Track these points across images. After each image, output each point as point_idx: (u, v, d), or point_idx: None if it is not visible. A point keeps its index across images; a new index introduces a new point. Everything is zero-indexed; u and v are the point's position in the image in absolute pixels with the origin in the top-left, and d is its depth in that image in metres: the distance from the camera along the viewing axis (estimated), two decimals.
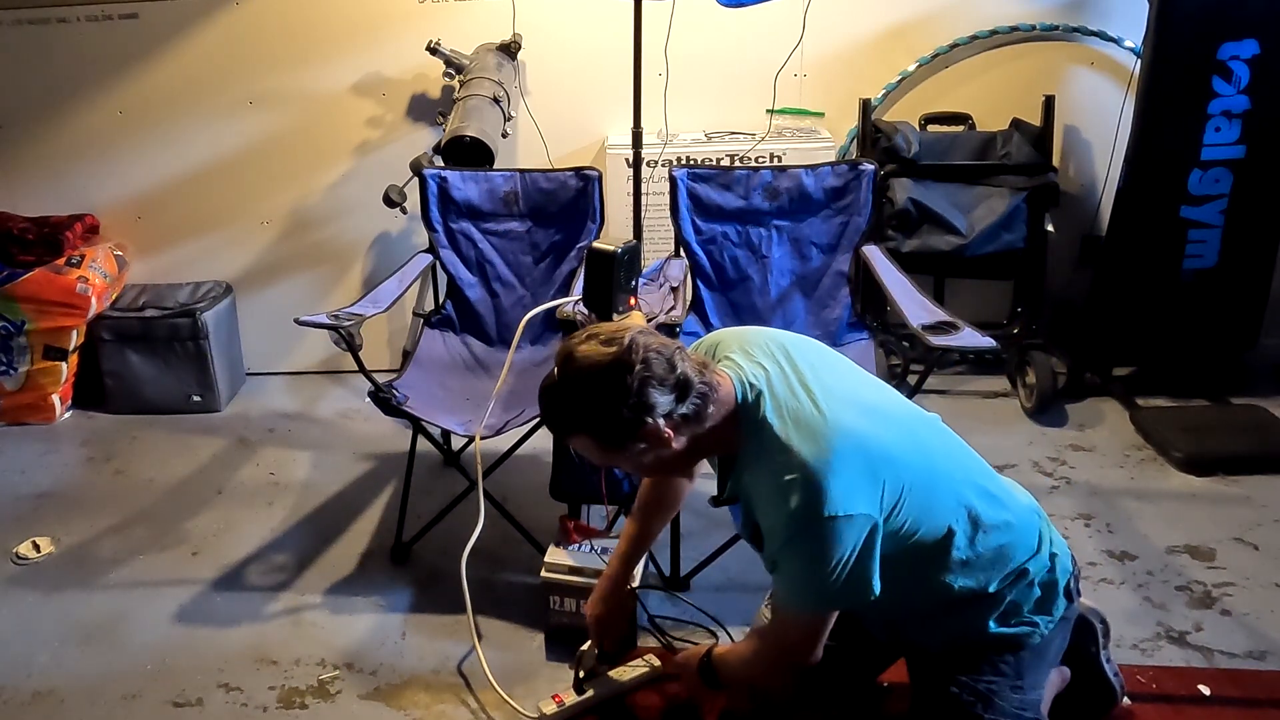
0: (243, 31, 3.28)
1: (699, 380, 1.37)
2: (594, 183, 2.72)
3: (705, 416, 1.39)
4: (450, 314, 2.81)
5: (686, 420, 1.37)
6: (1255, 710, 1.89)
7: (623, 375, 1.32)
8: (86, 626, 2.28)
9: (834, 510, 1.31)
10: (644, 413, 1.33)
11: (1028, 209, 3.07)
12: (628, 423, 1.35)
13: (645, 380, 1.33)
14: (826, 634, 1.46)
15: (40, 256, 3.28)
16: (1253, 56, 2.82)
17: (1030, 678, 1.51)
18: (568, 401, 1.38)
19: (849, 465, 1.34)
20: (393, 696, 2.02)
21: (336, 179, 3.43)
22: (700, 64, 3.20)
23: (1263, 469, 2.70)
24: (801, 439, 1.35)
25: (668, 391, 1.34)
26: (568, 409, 1.39)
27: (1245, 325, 3.08)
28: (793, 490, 1.33)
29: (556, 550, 2.16)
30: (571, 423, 1.41)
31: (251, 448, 3.13)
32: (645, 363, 1.33)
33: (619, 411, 1.34)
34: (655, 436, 1.36)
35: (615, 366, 1.33)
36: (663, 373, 1.34)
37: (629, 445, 1.38)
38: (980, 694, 1.48)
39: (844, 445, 1.35)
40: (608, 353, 1.34)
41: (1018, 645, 1.50)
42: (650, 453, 1.39)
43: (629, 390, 1.32)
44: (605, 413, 1.35)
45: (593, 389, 1.35)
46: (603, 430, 1.38)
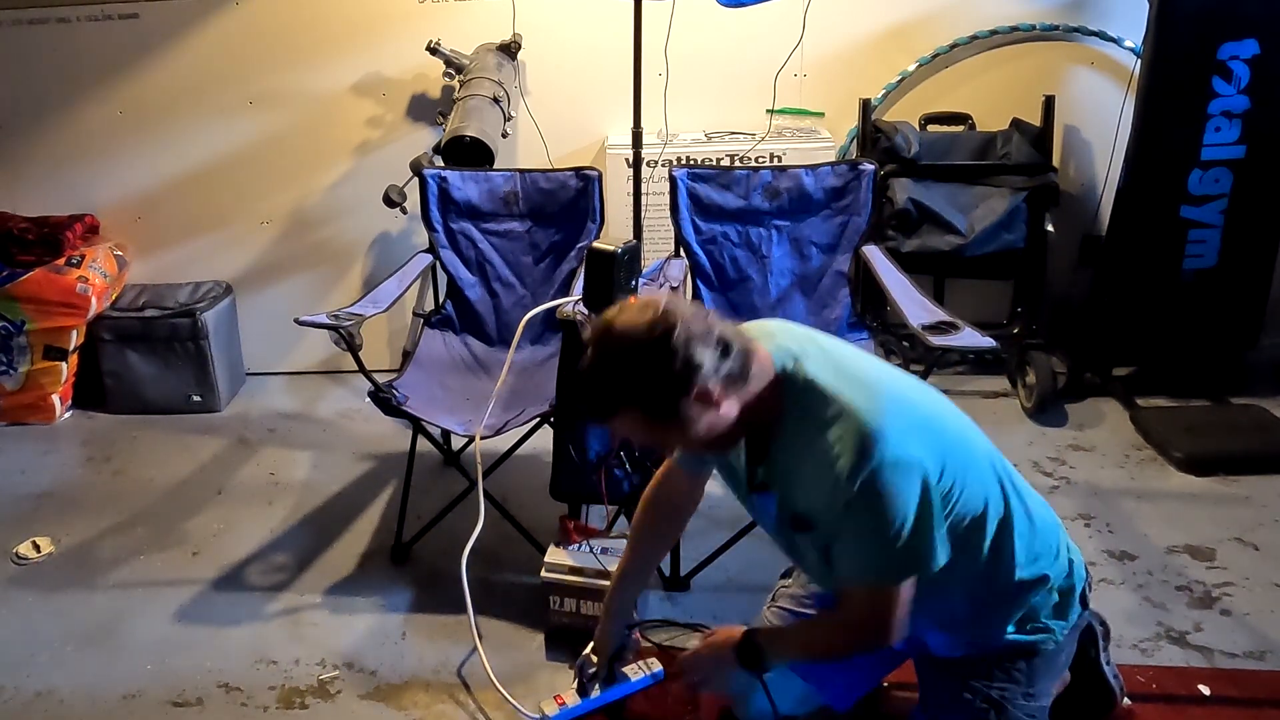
0: (243, 31, 3.28)
1: (737, 338, 1.34)
2: (594, 183, 2.72)
3: (749, 376, 1.34)
4: (450, 314, 2.81)
5: (732, 380, 1.31)
6: (1255, 710, 1.89)
7: (667, 337, 1.27)
8: (86, 626, 2.28)
9: (887, 455, 1.27)
10: (692, 372, 1.27)
11: (1028, 209, 3.07)
12: (677, 385, 1.28)
13: (689, 338, 1.27)
14: (900, 613, 1.36)
15: (40, 256, 3.28)
16: (1253, 56, 2.82)
17: (1041, 685, 1.50)
18: (612, 375, 1.32)
19: (900, 417, 1.32)
20: (393, 696, 2.02)
21: (336, 179, 3.43)
22: (700, 64, 3.20)
23: (1263, 469, 2.70)
24: (852, 390, 1.33)
25: (712, 349, 1.29)
26: (613, 383, 1.32)
27: (1245, 325, 3.08)
28: (844, 441, 1.29)
29: (556, 550, 2.16)
30: (618, 398, 1.33)
31: (251, 448, 3.13)
32: (685, 322, 1.29)
33: (668, 373, 1.27)
34: (705, 398, 1.30)
35: (657, 329, 1.28)
36: (702, 330, 1.30)
37: (679, 411, 1.30)
38: (993, 701, 1.47)
39: (892, 402, 1.33)
40: (646, 317, 1.29)
41: (1032, 652, 1.48)
42: (700, 420, 1.32)
43: (675, 350, 1.27)
44: (654, 377, 1.28)
45: (638, 355, 1.29)
46: (652, 398, 1.30)
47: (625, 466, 2.18)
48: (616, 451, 2.18)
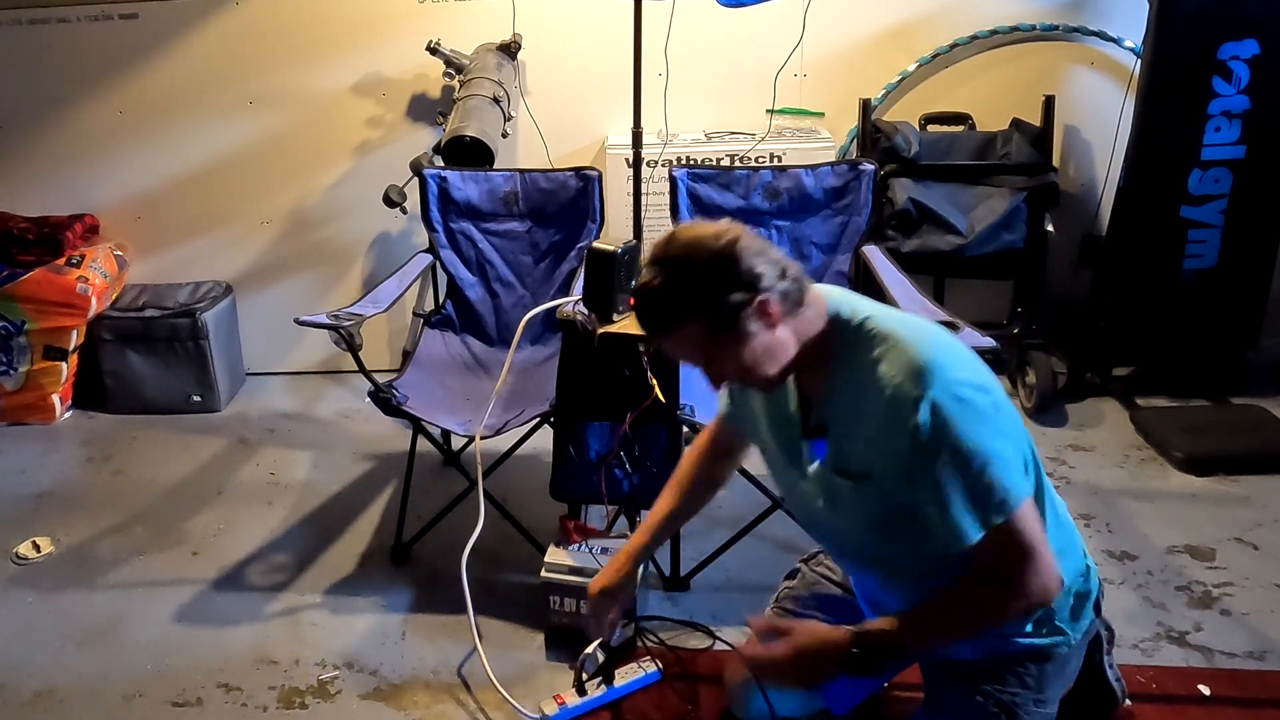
0: (243, 31, 3.28)
1: (792, 266, 1.37)
2: (594, 183, 2.72)
3: (804, 303, 1.36)
4: (450, 314, 2.81)
5: (788, 300, 1.34)
6: (1255, 710, 1.89)
7: (732, 244, 1.31)
8: (86, 626, 2.28)
9: (945, 378, 1.26)
10: (755, 281, 1.30)
11: (1028, 209, 3.07)
12: (740, 294, 1.31)
13: (752, 250, 1.32)
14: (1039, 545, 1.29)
15: (40, 256, 3.29)
16: (1253, 56, 2.82)
17: (1050, 691, 1.49)
18: (677, 283, 1.32)
19: (953, 354, 1.31)
20: (393, 696, 2.02)
21: (336, 179, 3.43)
22: (700, 64, 3.20)
23: (1263, 469, 2.70)
24: (903, 328, 1.33)
25: (772, 266, 1.33)
26: (678, 292, 1.33)
27: (1245, 325, 3.08)
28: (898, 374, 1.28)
29: (556, 550, 2.16)
30: (681, 307, 1.33)
31: (251, 448, 3.13)
32: (748, 237, 1.33)
33: (733, 281, 1.30)
34: (764, 312, 1.32)
35: (723, 238, 1.32)
36: (764, 248, 1.34)
37: (740, 324, 1.31)
38: (1005, 705, 1.45)
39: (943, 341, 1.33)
40: (711, 229, 1.34)
41: (1044, 657, 1.47)
42: (758, 337, 1.33)
43: (739, 258, 1.30)
44: (719, 285, 1.31)
45: (705, 262, 1.31)
46: (715, 308, 1.31)
47: (625, 466, 2.18)
48: (616, 451, 2.18)
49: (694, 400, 2.26)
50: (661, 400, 2.06)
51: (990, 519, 1.28)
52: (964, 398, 1.27)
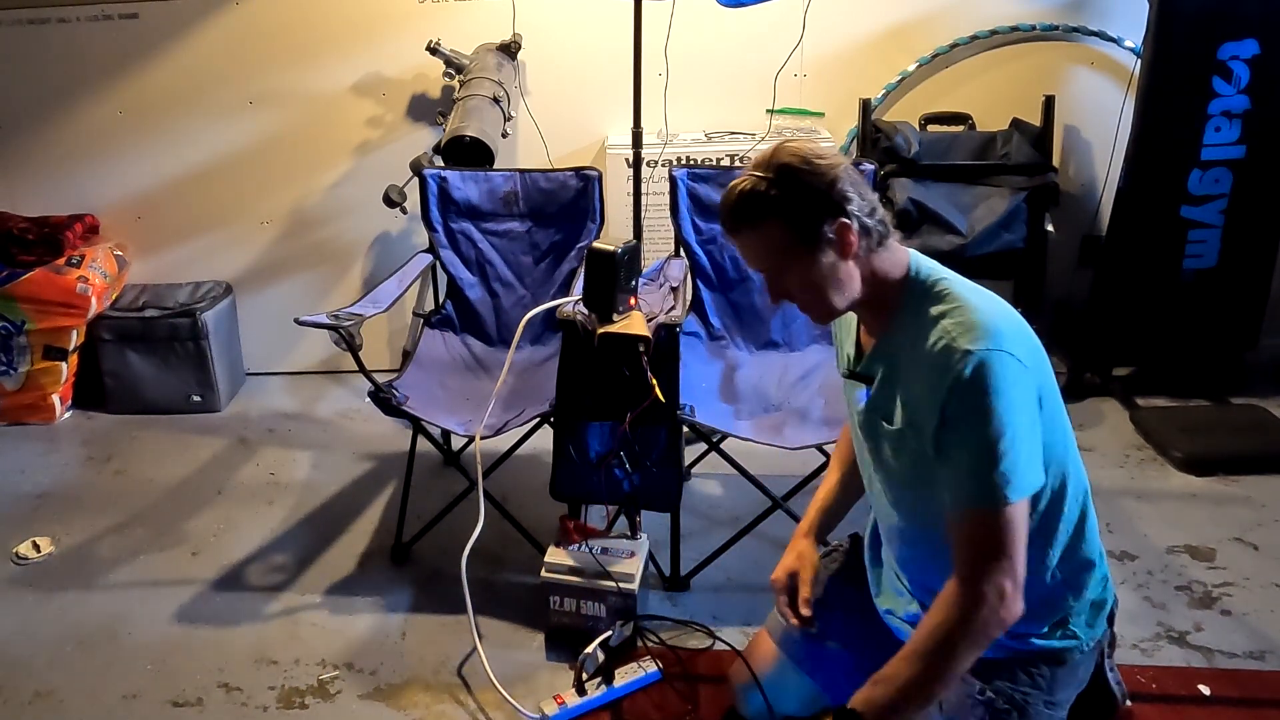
0: (243, 31, 3.28)
1: (885, 213, 1.42)
2: (594, 183, 2.72)
3: (885, 245, 1.40)
4: (450, 314, 2.81)
5: (869, 236, 1.39)
6: (1255, 710, 1.89)
7: (833, 167, 1.37)
8: (86, 626, 2.28)
9: (1001, 345, 1.27)
10: (842, 202, 1.36)
11: (1028, 209, 3.06)
12: (826, 209, 1.36)
13: (849, 179, 1.38)
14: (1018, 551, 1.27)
15: (40, 256, 3.29)
16: (1253, 56, 2.82)
17: (1061, 694, 1.48)
18: (772, 181, 1.38)
19: (1018, 333, 1.32)
20: (393, 696, 2.02)
21: (336, 179, 3.44)
22: (700, 64, 3.20)
23: (1263, 469, 2.70)
24: (975, 297, 1.35)
25: (862, 199, 1.38)
26: (770, 190, 1.38)
27: (1245, 325, 3.08)
28: (956, 331, 1.30)
29: (556, 550, 2.16)
30: (770, 205, 1.38)
31: (251, 448, 3.13)
32: (849, 169, 1.39)
33: (822, 194, 1.36)
34: (843, 237, 1.37)
35: (825, 159, 1.38)
36: (862, 185, 1.40)
37: (818, 239, 1.37)
38: (1016, 703, 1.45)
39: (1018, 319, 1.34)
40: (819, 149, 1.40)
41: (1058, 660, 1.47)
42: (829, 260, 1.38)
43: (835, 179, 1.36)
44: (810, 194, 1.36)
45: (804, 170, 1.37)
46: (800, 215, 1.37)
47: (625, 466, 2.18)
48: (616, 451, 2.18)
49: (694, 400, 2.26)
50: (661, 400, 2.06)
51: (983, 497, 1.27)
52: (1011, 367, 1.27)
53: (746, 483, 2.33)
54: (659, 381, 2.06)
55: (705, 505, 2.65)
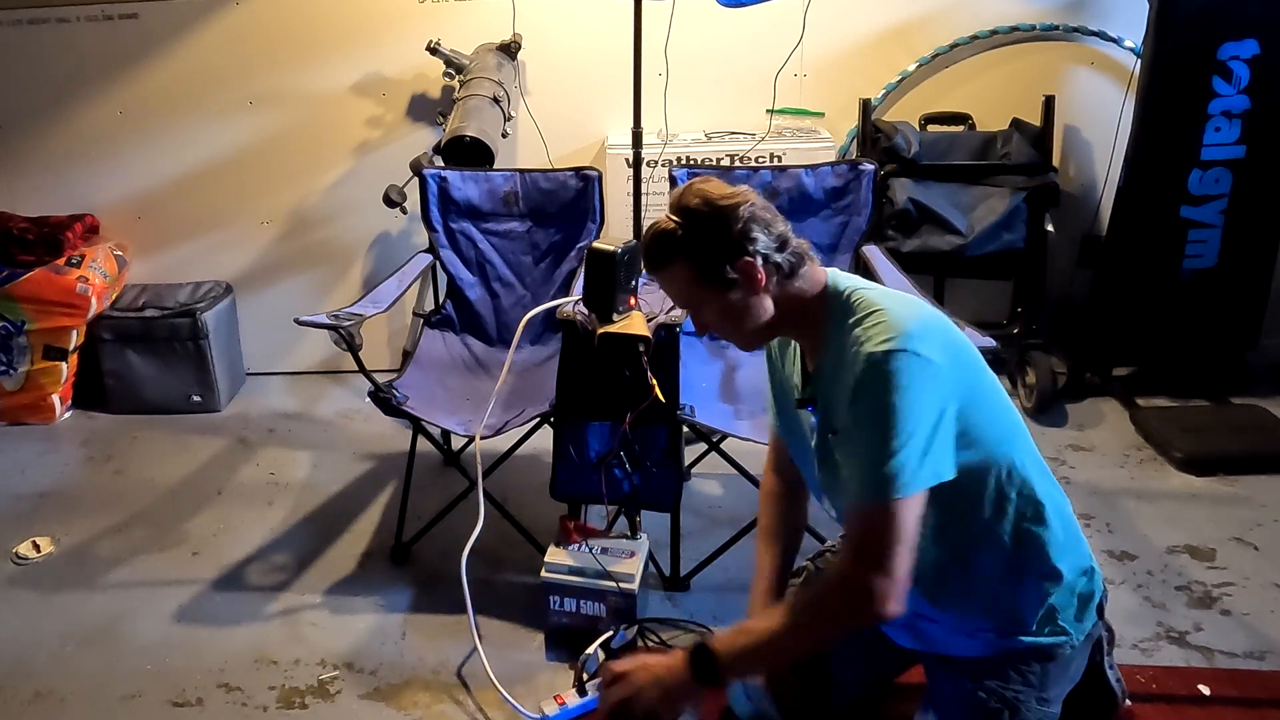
0: (243, 31, 3.28)
1: (798, 244, 1.46)
2: (594, 183, 2.72)
3: (797, 275, 1.45)
4: (450, 314, 2.81)
5: (779, 271, 1.44)
6: (1255, 710, 1.89)
7: (735, 206, 1.43)
8: (86, 626, 2.28)
9: (906, 345, 1.30)
10: (745, 242, 1.42)
11: (1028, 209, 3.07)
12: (729, 251, 1.42)
13: (754, 217, 1.43)
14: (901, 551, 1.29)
15: (40, 256, 3.29)
16: (1253, 56, 2.82)
17: (1054, 691, 1.49)
18: (678, 224, 1.44)
19: (933, 330, 1.35)
20: (393, 696, 2.02)
21: (336, 179, 3.43)
22: (700, 64, 3.20)
23: (1263, 469, 2.70)
24: (892, 301, 1.38)
25: (770, 237, 1.43)
26: (675, 232, 1.44)
27: (1245, 325, 3.08)
28: (868, 332, 1.34)
29: (556, 550, 2.15)
30: (675, 246, 1.45)
31: (251, 448, 3.13)
32: (755, 206, 1.44)
33: (725, 236, 1.42)
34: (749, 274, 1.42)
35: (730, 198, 1.44)
36: (768, 219, 1.45)
37: (723, 277, 1.43)
38: (1008, 701, 1.46)
39: (931, 318, 1.37)
40: (725, 189, 1.46)
41: (1048, 656, 1.47)
42: (740, 294, 1.44)
43: (738, 219, 1.42)
44: (712, 236, 1.42)
45: (706, 213, 1.43)
46: (704, 255, 1.43)
47: (625, 466, 2.18)
48: (616, 451, 2.18)
49: (694, 400, 2.26)
50: (661, 400, 2.06)
51: (869, 492, 1.31)
52: (911, 365, 1.29)
53: (746, 483, 2.32)
54: (659, 381, 2.06)
55: (705, 505, 2.65)
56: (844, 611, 1.34)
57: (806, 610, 1.35)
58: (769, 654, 1.40)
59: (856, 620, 1.35)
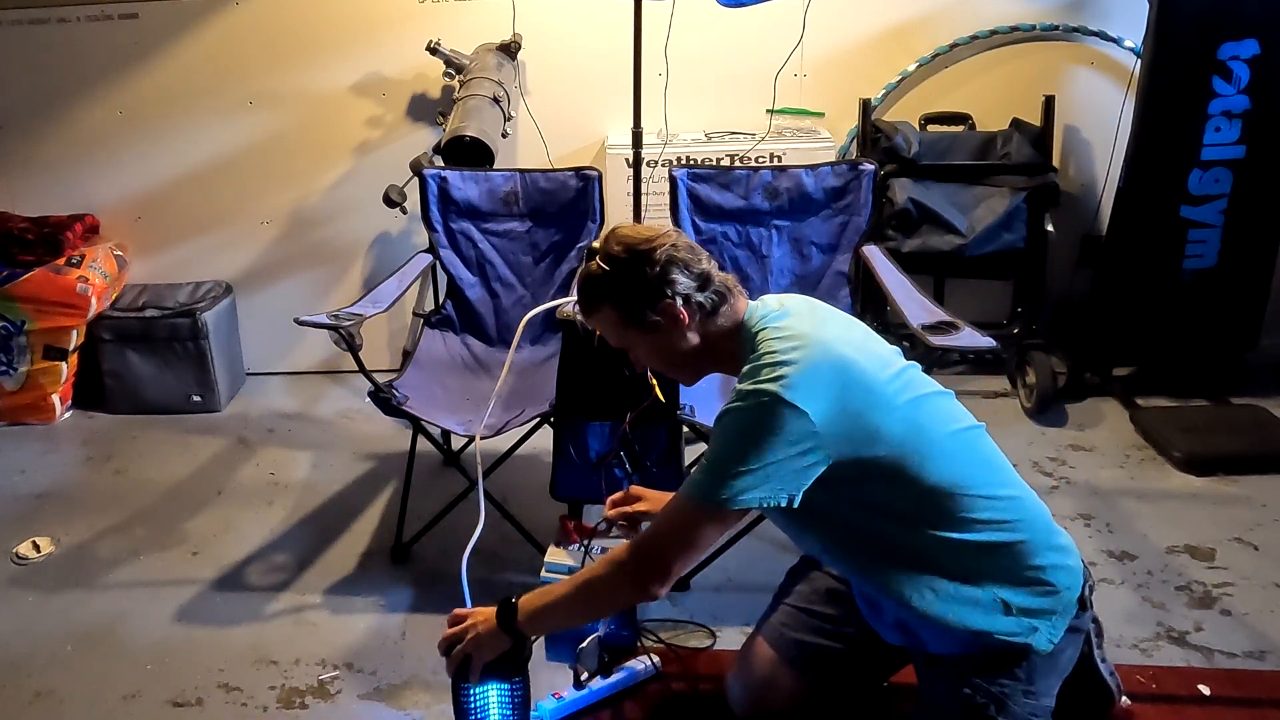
0: (243, 31, 3.28)
1: (719, 281, 1.53)
2: (594, 183, 2.72)
3: (718, 314, 1.52)
4: (450, 314, 2.81)
5: (701, 310, 1.51)
6: (1255, 710, 1.89)
7: (653, 250, 1.50)
8: (86, 626, 2.28)
9: (782, 392, 1.35)
10: (665, 286, 1.48)
11: (1028, 209, 3.07)
12: (648, 294, 1.49)
13: (672, 260, 1.49)
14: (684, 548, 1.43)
15: (40, 256, 3.29)
16: (1253, 56, 2.82)
17: (1042, 684, 1.50)
18: (601, 268, 1.52)
19: (818, 371, 1.38)
20: (393, 696, 2.02)
21: (336, 179, 3.44)
22: (700, 64, 3.20)
23: (1263, 469, 2.70)
24: (782, 342, 1.43)
25: (690, 277, 1.50)
26: (600, 279, 1.53)
27: (1245, 325, 3.08)
28: (754, 374, 1.40)
29: (556, 550, 2.15)
30: (600, 291, 1.53)
31: (251, 448, 3.13)
32: (675, 248, 1.51)
33: (642, 280, 1.49)
34: (671, 315, 1.50)
35: (648, 244, 1.51)
36: (688, 259, 1.51)
37: (646, 319, 1.50)
38: (994, 696, 1.47)
39: (820, 356, 1.40)
40: (645, 234, 1.53)
41: (1028, 651, 1.48)
42: (664, 334, 1.51)
43: (655, 262, 1.49)
44: (631, 280, 1.50)
45: (624, 259, 1.50)
46: (624, 298, 1.51)
47: (625, 466, 2.18)
48: (616, 451, 2.18)
49: (694, 400, 2.26)
50: (661, 400, 2.06)
51: (686, 486, 1.44)
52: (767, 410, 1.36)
53: None
54: (659, 381, 2.06)
55: None
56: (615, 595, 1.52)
57: (589, 585, 1.51)
58: (559, 617, 1.57)
59: (627, 602, 1.60)
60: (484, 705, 1.70)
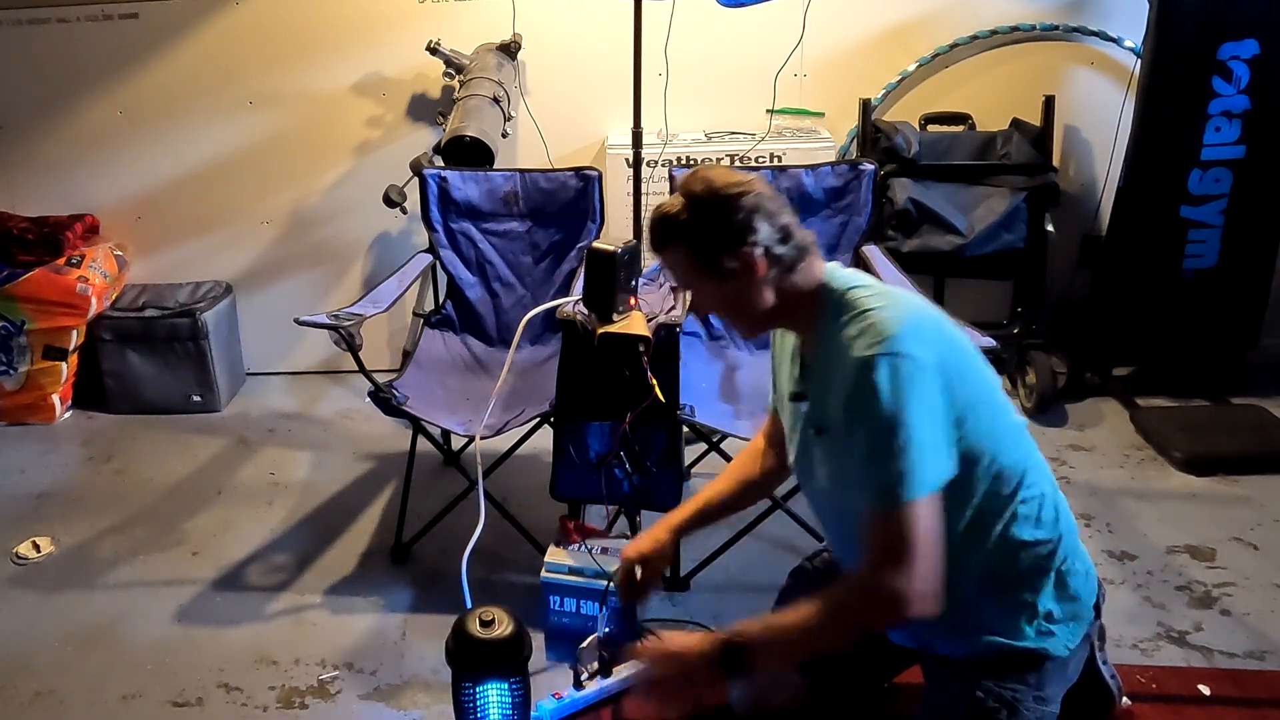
0: (243, 31, 3.28)
1: (800, 237, 1.45)
2: (594, 183, 2.72)
3: (795, 270, 1.44)
4: (450, 314, 2.81)
5: (779, 263, 1.43)
6: (1255, 710, 1.89)
7: (740, 195, 1.41)
8: (86, 626, 2.28)
9: (895, 346, 1.30)
10: (744, 233, 1.41)
11: (1028, 209, 3.07)
12: (728, 239, 1.41)
13: (757, 208, 1.41)
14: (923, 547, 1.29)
15: (40, 256, 3.28)
16: (1253, 56, 2.82)
17: (1051, 690, 1.49)
18: (683, 207, 1.44)
19: (923, 330, 1.34)
20: (393, 696, 2.02)
21: (336, 179, 3.44)
22: (700, 64, 3.20)
23: (1263, 469, 2.70)
24: (885, 301, 1.38)
25: (774, 228, 1.42)
26: (677, 216, 1.44)
27: (1245, 325, 3.08)
28: (859, 334, 1.34)
29: (556, 550, 2.16)
30: (676, 230, 1.44)
31: (251, 448, 3.13)
32: (761, 195, 1.42)
33: (724, 225, 1.41)
34: (747, 263, 1.41)
35: (734, 188, 1.42)
36: (773, 209, 1.43)
37: (720, 264, 1.42)
38: (1006, 701, 1.45)
39: (925, 317, 1.37)
40: (733, 178, 1.44)
41: (1044, 657, 1.47)
42: (736, 281, 1.43)
43: (739, 209, 1.41)
44: (712, 223, 1.42)
45: (708, 199, 1.42)
46: (702, 240, 1.43)
47: (625, 466, 2.18)
48: (616, 451, 2.18)
49: (694, 400, 2.26)
50: (661, 400, 2.06)
51: (880, 498, 1.31)
52: (902, 368, 1.30)
53: None
54: (659, 381, 2.06)
55: None
56: (871, 615, 1.36)
57: (834, 612, 1.35)
58: (797, 650, 1.42)
59: (884, 623, 1.40)
60: (484, 705, 1.70)
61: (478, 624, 1.68)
